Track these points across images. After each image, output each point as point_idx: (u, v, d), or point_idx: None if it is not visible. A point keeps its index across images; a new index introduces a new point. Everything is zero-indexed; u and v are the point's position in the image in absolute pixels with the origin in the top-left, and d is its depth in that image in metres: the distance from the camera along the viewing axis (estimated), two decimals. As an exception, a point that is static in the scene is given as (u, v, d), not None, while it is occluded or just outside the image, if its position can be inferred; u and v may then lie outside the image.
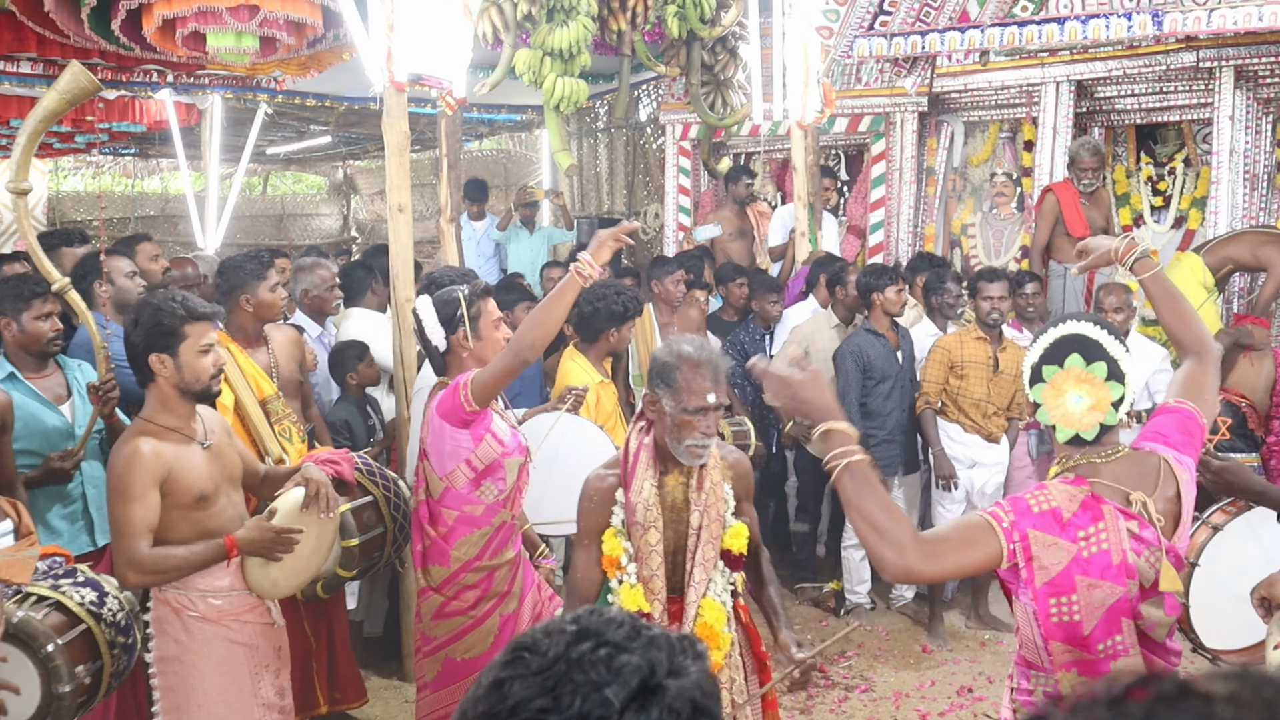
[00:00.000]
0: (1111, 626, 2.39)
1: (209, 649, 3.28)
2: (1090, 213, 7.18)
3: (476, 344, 3.69)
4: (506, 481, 3.68)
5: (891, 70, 8.22)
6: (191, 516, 3.25)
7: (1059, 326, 2.59)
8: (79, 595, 3.17)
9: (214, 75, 7.88)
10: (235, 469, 3.46)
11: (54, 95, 3.80)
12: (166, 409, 3.28)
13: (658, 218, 10.65)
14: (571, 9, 6.22)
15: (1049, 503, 2.41)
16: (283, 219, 16.49)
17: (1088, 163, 7.10)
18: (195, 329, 3.26)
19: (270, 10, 5.22)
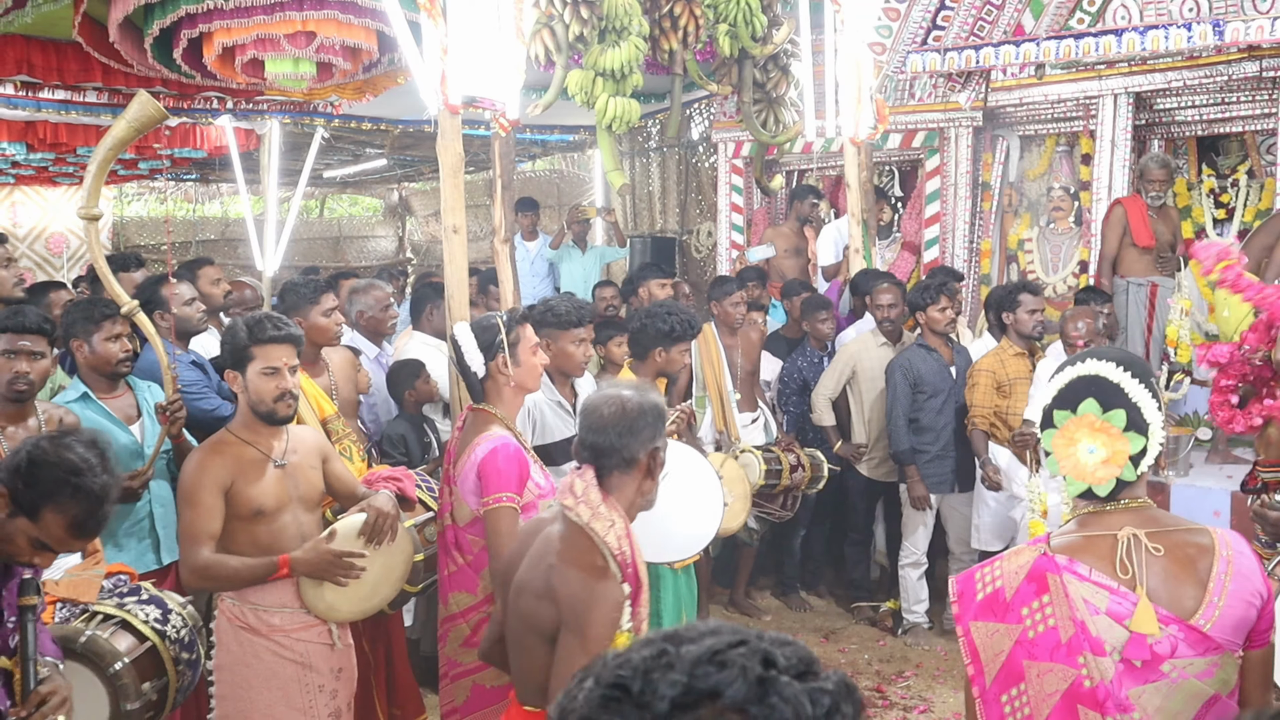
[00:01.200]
0: (1067, 715, 2.07)
1: (257, 661, 3.34)
2: (1157, 226, 7.08)
3: (516, 370, 3.63)
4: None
5: (945, 85, 8.16)
6: (250, 529, 3.34)
7: (1077, 365, 2.30)
8: (144, 613, 3.24)
9: (272, 101, 8.00)
10: (313, 491, 3.53)
11: (123, 124, 3.89)
12: (246, 424, 3.42)
13: (710, 236, 10.64)
14: (623, 30, 6.24)
15: (995, 582, 2.18)
16: (339, 241, 16.68)
17: (1156, 175, 7.01)
18: (262, 351, 3.37)
19: (327, 36, 5.29)
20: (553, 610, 2.50)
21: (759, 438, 6.25)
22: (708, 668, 1.03)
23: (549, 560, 2.55)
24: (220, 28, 5.23)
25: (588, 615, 2.44)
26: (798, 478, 5.79)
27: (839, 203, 9.17)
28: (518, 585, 2.63)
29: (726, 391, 6.07)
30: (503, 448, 3.50)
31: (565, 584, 2.49)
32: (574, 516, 2.57)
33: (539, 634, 2.54)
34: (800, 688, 1.03)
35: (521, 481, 3.50)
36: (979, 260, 8.44)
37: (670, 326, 4.91)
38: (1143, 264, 7.11)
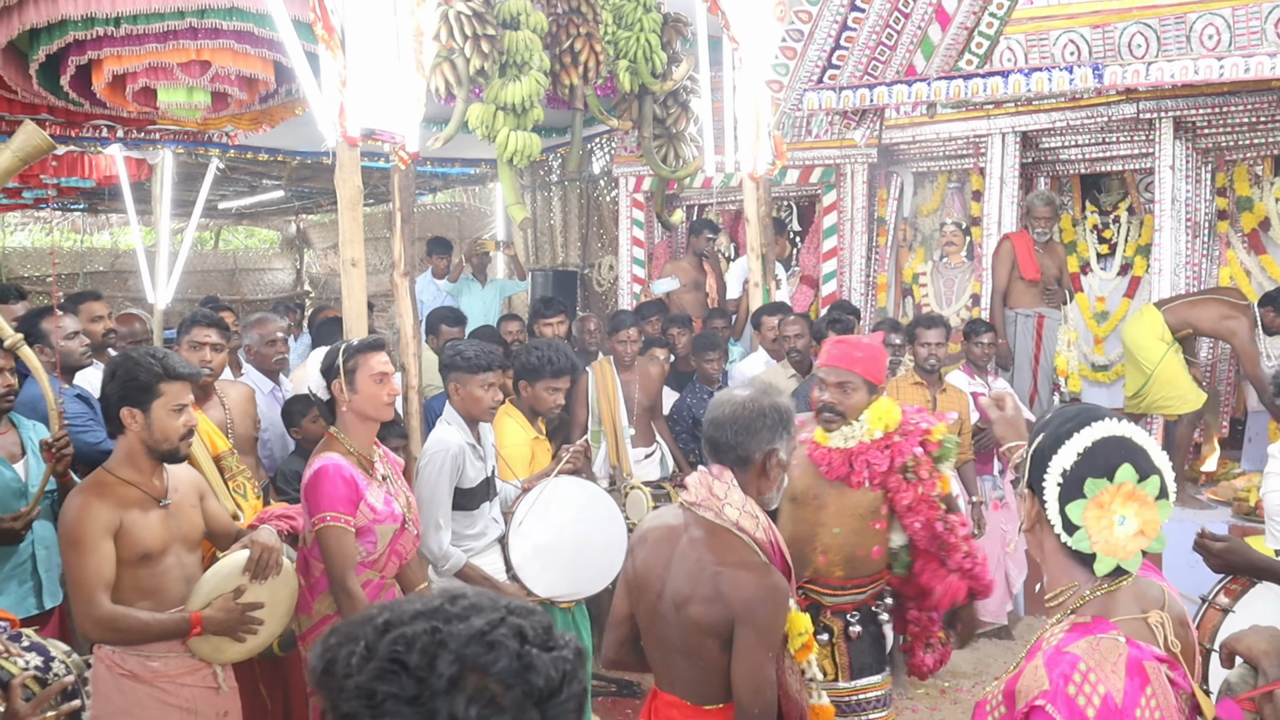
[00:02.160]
0: None
1: (140, 710, 3.19)
2: (1044, 260, 7.33)
3: (353, 397, 3.64)
4: (377, 545, 3.64)
5: (841, 123, 8.33)
6: (134, 573, 3.18)
7: (1094, 426, 2.00)
8: (23, 661, 3.09)
9: (165, 130, 7.84)
10: (194, 530, 3.40)
11: (7, 154, 3.77)
12: (131, 463, 3.25)
13: (612, 270, 10.69)
14: (524, 64, 6.26)
15: (1098, 690, 1.83)
16: (235, 273, 16.38)
17: (1041, 212, 7.27)
18: (171, 388, 3.25)
19: (222, 66, 5.21)
20: (726, 612, 2.61)
21: (654, 473, 6.26)
22: (477, 648, 1.19)
23: (710, 568, 2.65)
24: (110, 55, 5.12)
25: (763, 611, 2.61)
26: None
27: (739, 237, 9.29)
28: (678, 598, 2.68)
29: (621, 426, 6.07)
30: (331, 469, 3.53)
31: (737, 587, 2.61)
32: (715, 518, 2.68)
33: (714, 636, 2.65)
34: (548, 658, 1.21)
35: (351, 503, 3.53)
36: (875, 294, 8.62)
37: (534, 361, 4.86)
38: (1030, 296, 7.34)
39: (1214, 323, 6.58)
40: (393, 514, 3.66)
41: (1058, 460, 1.99)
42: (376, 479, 3.69)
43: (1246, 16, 6.07)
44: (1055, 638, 1.96)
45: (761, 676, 2.63)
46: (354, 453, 3.64)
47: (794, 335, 6.36)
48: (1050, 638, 1.97)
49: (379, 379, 3.67)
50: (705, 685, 2.72)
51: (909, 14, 6.16)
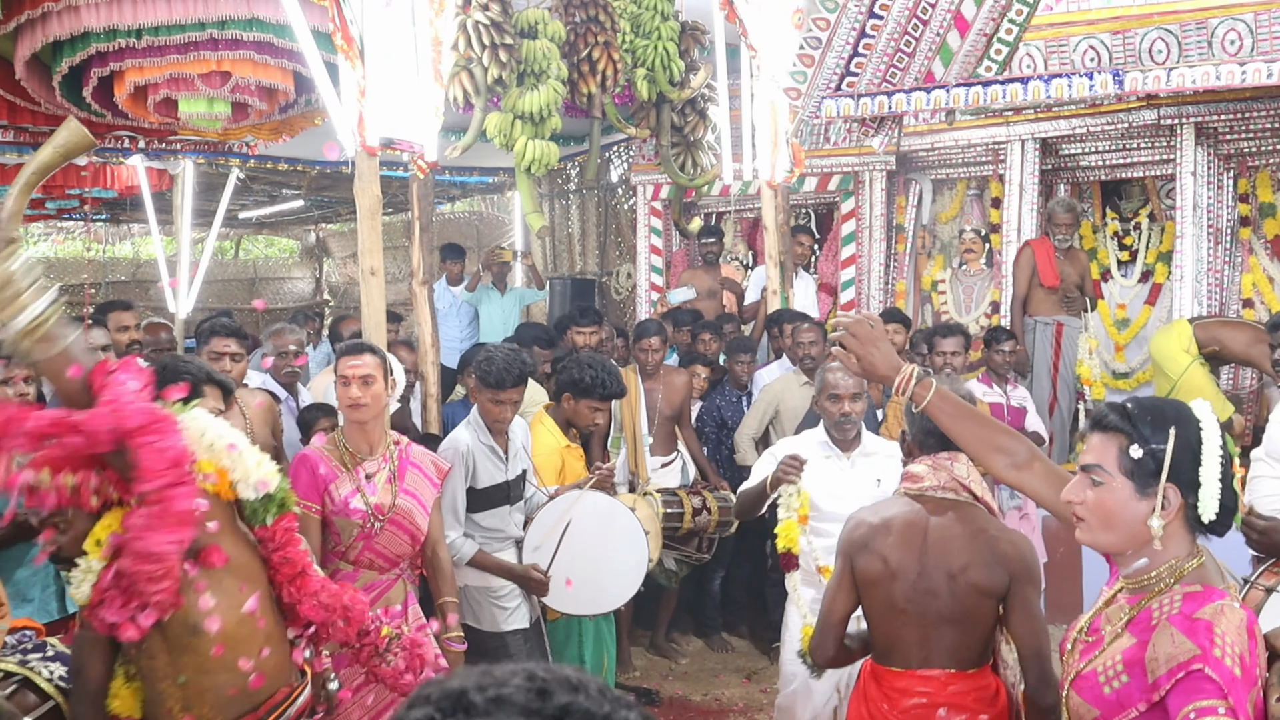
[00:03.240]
0: None
1: None
2: (1065, 267, 7.30)
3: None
4: (341, 537, 3.78)
5: (859, 130, 8.31)
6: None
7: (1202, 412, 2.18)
8: (48, 670, 3.11)
9: (186, 140, 7.89)
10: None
11: (49, 150, 3.78)
12: None
13: (630, 278, 10.69)
14: (541, 73, 6.28)
15: (1234, 650, 1.98)
16: (255, 283, 16.44)
17: (1063, 219, 7.26)
18: (209, 392, 3.39)
19: (242, 76, 5.25)
20: (1004, 573, 2.96)
21: (673, 481, 6.25)
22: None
23: (984, 536, 3.00)
24: (132, 66, 5.16)
25: (1035, 567, 3.02)
26: (701, 521, 5.82)
27: (757, 245, 9.28)
28: (953, 569, 2.98)
29: (641, 434, 6.07)
30: (300, 458, 3.86)
31: (1014, 548, 3.00)
32: (957, 496, 3.08)
33: (991, 598, 2.99)
34: None
35: (312, 490, 3.75)
36: (894, 301, 8.59)
37: (586, 380, 4.86)
38: (1049, 303, 7.31)
39: (1244, 347, 6.51)
40: (348, 509, 3.76)
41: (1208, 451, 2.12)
42: (355, 475, 3.81)
43: (1269, 21, 6.03)
44: (1173, 607, 2.08)
45: (1041, 623, 2.97)
46: (341, 447, 3.86)
47: (808, 343, 6.34)
48: (1166, 608, 2.10)
49: (342, 381, 3.83)
50: (972, 650, 3.03)
51: (927, 21, 6.14)
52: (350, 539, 3.78)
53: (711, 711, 5.80)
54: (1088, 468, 2.20)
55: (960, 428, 2.54)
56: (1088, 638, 2.29)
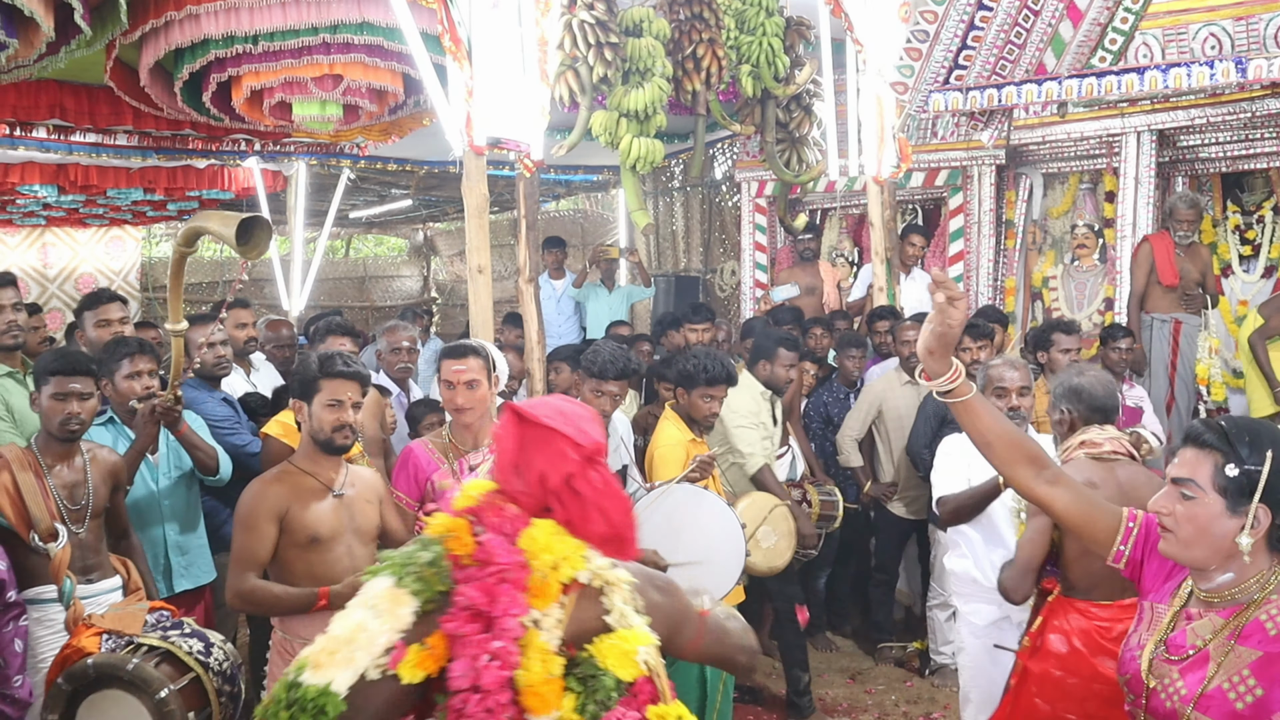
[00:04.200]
0: None
1: None
2: (1184, 264, 7.09)
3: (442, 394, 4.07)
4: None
5: (968, 124, 8.17)
6: (305, 556, 3.45)
7: None
8: (187, 645, 3.32)
9: (299, 143, 8.10)
10: (367, 524, 3.64)
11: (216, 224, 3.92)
12: (308, 455, 3.57)
13: (734, 275, 10.66)
14: (646, 71, 6.30)
15: None
16: (365, 281, 16.79)
17: (1185, 215, 7.05)
18: (329, 385, 3.53)
19: (353, 79, 5.36)
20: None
21: (783, 474, 6.22)
22: None
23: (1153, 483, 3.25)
24: (249, 71, 5.31)
25: None
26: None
27: (863, 242, 9.18)
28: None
29: None
30: (405, 452, 4.06)
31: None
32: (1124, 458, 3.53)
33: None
34: None
35: (413, 483, 3.97)
36: (1004, 298, 8.43)
37: (689, 369, 4.89)
38: (1168, 301, 7.10)
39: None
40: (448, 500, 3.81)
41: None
42: (459, 467, 3.93)
43: (1403, 5, 5.77)
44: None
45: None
46: (448, 440, 4.03)
47: (913, 340, 6.25)
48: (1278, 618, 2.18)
49: (446, 385, 4.02)
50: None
51: (1039, 11, 6.00)
52: None
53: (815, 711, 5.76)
54: (1179, 481, 2.27)
55: (995, 433, 2.53)
56: (1176, 656, 2.32)
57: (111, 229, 12.10)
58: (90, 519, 3.77)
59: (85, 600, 3.58)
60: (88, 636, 3.32)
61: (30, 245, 11.72)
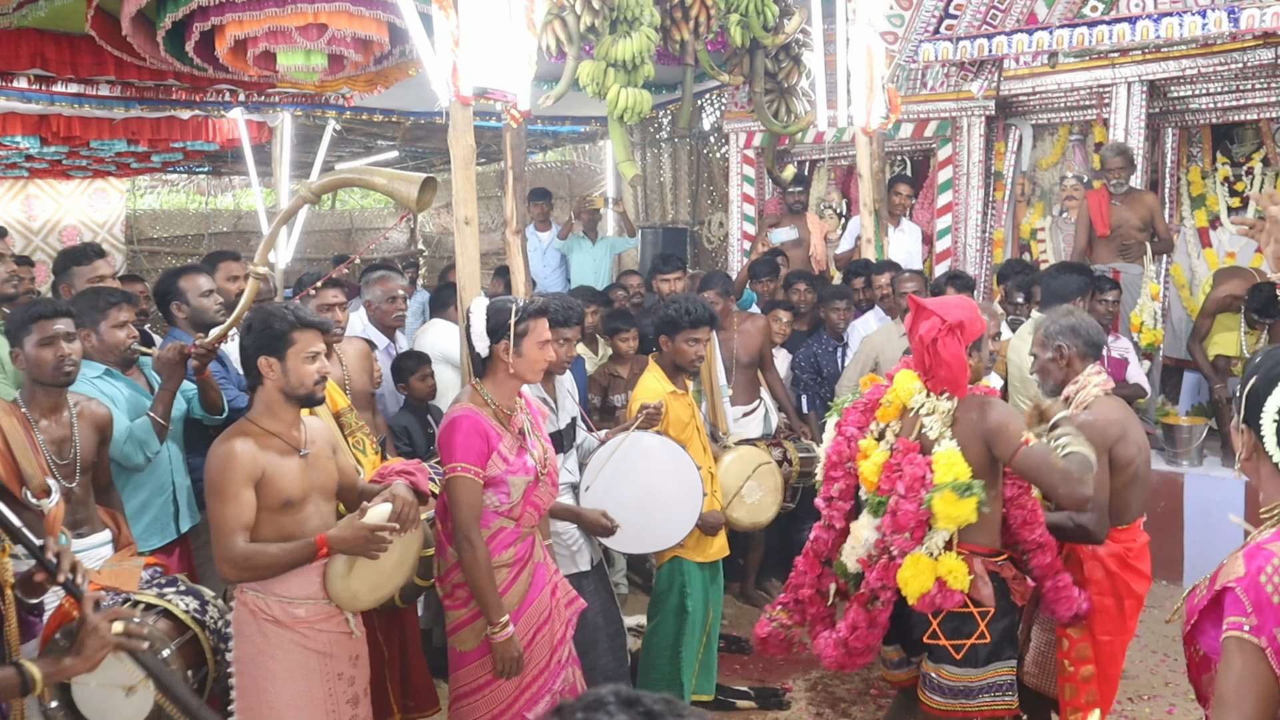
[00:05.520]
0: None
1: (283, 654, 3.33)
2: (1122, 213, 7.09)
3: (516, 360, 3.71)
4: (510, 496, 3.69)
5: (957, 74, 8.13)
6: (277, 520, 3.33)
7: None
8: (184, 603, 3.30)
9: (284, 93, 8.02)
10: (330, 480, 3.54)
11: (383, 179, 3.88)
12: (271, 413, 3.41)
13: (722, 226, 10.63)
14: (634, 20, 6.23)
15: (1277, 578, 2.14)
16: (351, 233, 16.69)
17: (1114, 163, 7.07)
18: (303, 336, 3.40)
19: (338, 29, 5.30)
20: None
21: (755, 430, 6.24)
22: None
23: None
24: (232, 20, 5.24)
25: None
26: (782, 473, 5.81)
27: (851, 193, 9.15)
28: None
29: (719, 385, 6.05)
30: (464, 419, 3.63)
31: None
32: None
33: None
34: None
35: (481, 455, 3.62)
36: (992, 250, 8.43)
37: (668, 314, 4.90)
38: (1108, 252, 7.14)
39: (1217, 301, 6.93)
40: (525, 466, 3.72)
41: (1273, 400, 2.22)
42: (513, 432, 3.76)
43: (1396, -46, 5.73)
44: (1260, 537, 2.24)
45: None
46: (492, 405, 3.74)
47: (911, 292, 6.25)
48: (1256, 538, 2.25)
49: (542, 346, 3.76)
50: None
51: (1030, -40, 5.95)
52: (519, 497, 3.73)
53: (801, 660, 5.82)
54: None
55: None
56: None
57: (95, 181, 11.99)
58: (80, 474, 3.73)
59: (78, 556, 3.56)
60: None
61: (14, 197, 11.62)
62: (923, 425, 3.56)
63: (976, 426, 3.48)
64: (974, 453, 3.48)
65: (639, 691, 1.14)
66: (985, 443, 3.50)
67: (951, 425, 3.51)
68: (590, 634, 4.27)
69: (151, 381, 4.41)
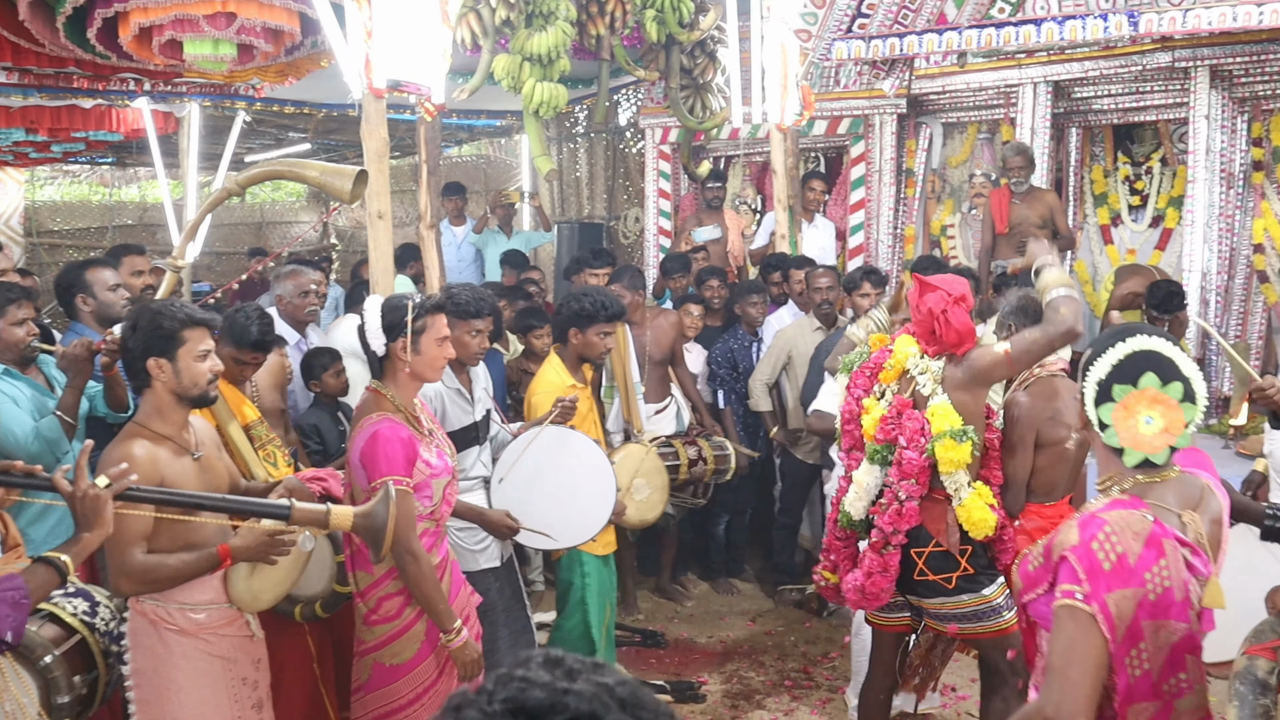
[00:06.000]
0: (1175, 665, 2.29)
1: (186, 662, 3.23)
2: (1022, 211, 7.25)
3: (415, 358, 3.60)
4: (433, 499, 3.62)
5: (870, 73, 8.24)
6: (172, 528, 3.16)
7: (1127, 341, 2.40)
8: (71, 606, 3.17)
9: (191, 83, 7.84)
10: (222, 482, 3.40)
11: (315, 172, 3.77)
12: (161, 416, 3.23)
13: (638, 222, 10.65)
14: (550, 14, 6.22)
15: (1115, 550, 2.23)
16: (262, 227, 16.39)
17: (1014, 162, 7.24)
18: (194, 334, 3.23)
19: (247, 18, 5.20)
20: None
21: (669, 427, 6.25)
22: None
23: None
24: (136, 7, 5.11)
25: None
26: (697, 471, 5.85)
27: (766, 189, 9.23)
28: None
29: (632, 382, 6.07)
30: (384, 430, 3.50)
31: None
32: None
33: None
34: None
35: (409, 463, 3.51)
36: (903, 246, 8.56)
37: (583, 307, 4.88)
38: (1008, 248, 7.31)
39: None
40: (446, 466, 3.68)
41: (1094, 371, 2.42)
42: (424, 434, 3.68)
43: (1286, -38, 5.94)
44: (1095, 507, 2.36)
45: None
46: (402, 410, 3.62)
47: (824, 288, 6.33)
48: (1091, 507, 2.38)
49: (441, 342, 3.65)
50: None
51: (940, -39, 6.06)
52: (440, 498, 3.66)
53: (716, 653, 5.87)
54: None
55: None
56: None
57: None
58: None
59: None
60: None
61: (-93, 187, 11.22)
62: (916, 384, 3.93)
63: (966, 376, 3.85)
64: (964, 403, 3.88)
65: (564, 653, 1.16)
66: (981, 383, 3.92)
67: (941, 382, 3.87)
68: (491, 630, 4.24)
69: (52, 379, 4.28)
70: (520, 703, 1.09)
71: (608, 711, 1.08)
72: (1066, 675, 2.20)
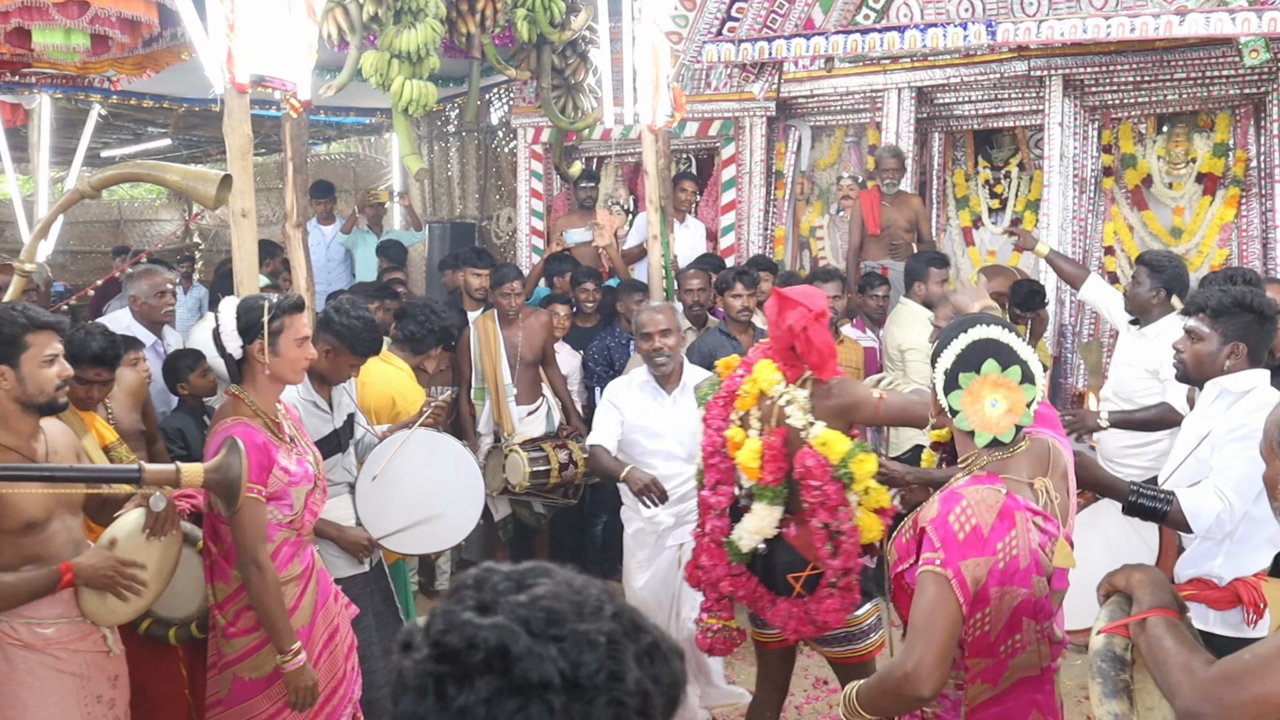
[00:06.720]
0: (1013, 627, 2.49)
1: (33, 679, 3.07)
2: (891, 214, 7.46)
3: (274, 360, 3.45)
4: (294, 507, 3.51)
5: (740, 76, 8.34)
6: (18, 543, 3.03)
7: (968, 332, 2.59)
8: None
9: (42, 74, 7.52)
10: (75, 494, 3.24)
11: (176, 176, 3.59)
12: (5, 425, 3.07)
13: (510, 222, 10.59)
14: (419, 11, 6.14)
15: (970, 521, 2.42)
16: (120, 225, 15.84)
17: (888, 164, 7.43)
18: (38, 338, 3.06)
19: (102, 7, 5.01)
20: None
21: (539, 429, 6.22)
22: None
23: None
24: (-19, -6, 4.89)
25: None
26: (568, 475, 5.84)
27: (638, 190, 9.26)
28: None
29: (504, 384, 6.02)
30: (238, 435, 3.36)
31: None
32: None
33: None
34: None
35: (263, 470, 3.38)
36: (773, 247, 8.69)
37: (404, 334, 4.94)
38: (878, 249, 7.50)
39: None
40: (306, 474, 3.55)
41: (941, 362, 2.61)
42: (285, 440, 3.55)
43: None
44: (955, 484, 2.56)
45: None
46: (260, 415, 3.48)
47: (696, 289, 6.38)
48: (952, 484, 2.58)
49: (300, 343, 3.52)
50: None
51: (807, -33, 6.17)
52: (301, 506, 3.54)
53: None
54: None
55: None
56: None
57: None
58: None
59: None
60: None
61: None
62: (785, 415, 3.68)
63: (834, 407, 3.67)
64: (836, 428, 3.71)
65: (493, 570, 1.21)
66: (844, 418, 3.70)
67: (811, 410, 3.66)
68: (365, 636, 4.16)
69: None
70: (442, 647, 1.12)
71: (515, 640, 1.10)
72: (927, 634, 2.39)
